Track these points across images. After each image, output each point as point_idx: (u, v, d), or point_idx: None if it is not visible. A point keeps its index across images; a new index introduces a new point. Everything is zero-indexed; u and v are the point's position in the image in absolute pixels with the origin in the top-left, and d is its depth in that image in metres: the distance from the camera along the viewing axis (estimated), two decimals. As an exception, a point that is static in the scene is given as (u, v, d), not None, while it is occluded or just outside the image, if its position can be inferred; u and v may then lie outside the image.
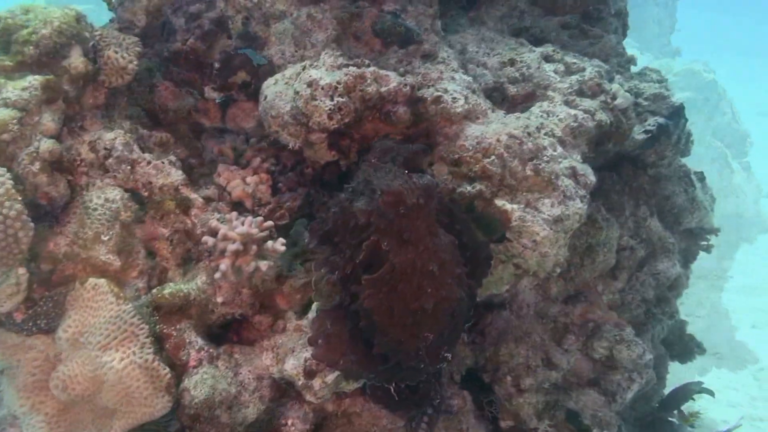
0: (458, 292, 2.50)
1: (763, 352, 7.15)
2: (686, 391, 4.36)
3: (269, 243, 2.82)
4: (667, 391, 4.52)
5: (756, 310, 8.28)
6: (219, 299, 2.88)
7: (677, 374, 5.91)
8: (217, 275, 2.80)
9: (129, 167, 2.83)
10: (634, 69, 4.50)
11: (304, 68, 2.95)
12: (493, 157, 2.98)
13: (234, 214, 2.88)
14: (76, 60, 2.77)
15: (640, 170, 3.91)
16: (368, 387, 2.97)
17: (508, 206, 2.96)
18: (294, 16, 3.13)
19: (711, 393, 4.49)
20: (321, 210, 2.67)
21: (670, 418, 4.62)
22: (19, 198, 2.55)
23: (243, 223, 2.81)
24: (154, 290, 2.80)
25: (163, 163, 2.90)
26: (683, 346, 4.68)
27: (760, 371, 6.69)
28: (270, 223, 2.86)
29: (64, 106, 2.78)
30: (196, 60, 3.12)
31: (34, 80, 2.68)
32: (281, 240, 2.87)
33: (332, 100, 2.81)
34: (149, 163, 2.86)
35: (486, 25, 3.91)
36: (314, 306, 2.88)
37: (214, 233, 2.84)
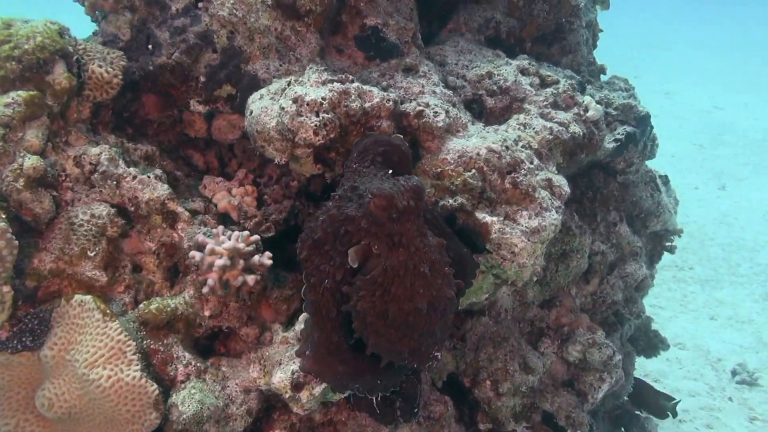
0: (448, 291, 2.46)
1: (714, 342, 7.32)
2: (656, 396, 4.43)
3: (256, 257, 2.77)
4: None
5: (718, 302, 8.47)
6: (206, 313, 2.81)
7: (642, 366, 6.02)
8: (205, 290, 2.74)
9: (115, 183, 2.73)
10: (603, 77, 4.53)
11: (289, 84, 2.89)
12: (473, 171, 2.96)
13: (221, 228, 2.81)
14: (60, 75, 2.66)
15: (610, 177, 3.94)
16: (352, 397, 2.94)
17: (488, 219, 2.95)
18: (278, 30, 3.06)
19: (674, 414, 4.57)
20: (309, 220, 2.60)
21: (636, 411, 4.70)
22: (3, 216, 2.45)
23: (230, 238, 2.74)
24: (141, 305, 2.73)
25: (149, 177, 2.81)
26: (648, 342, 4.76)
27: (717, 362, 6.82)
28: (256, 237, 2.80)
29: (48, 121, 2.68)
30: (181, 73, 3.02)
31: (17, 96, 2.58)
32: (268, 254, 2.81)
33: (318, 116, 2.75)
34: (135, 177, 2.77)
35: (464, 36, 3.89)
36: (302, 317, 2.84)
37: (201, 248, 2.77)
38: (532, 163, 3.13)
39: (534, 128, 3.29)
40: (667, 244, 4.46)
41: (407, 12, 3.47)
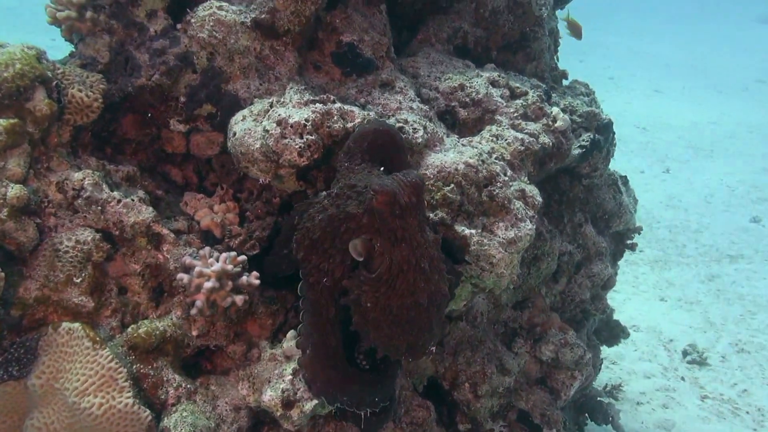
0: (443, 287, 2.43)
1: (665, 324, 7.53)
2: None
3: (244, 278, 2.72)
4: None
5: (667, 283, 8.70)
6: (194, 333, 2.76)
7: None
8: (193, 311, 2.69)
9: (100, 208, 2.64)
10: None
11: (271, 105, 2.83)
12: (452, 185, 2.96)
13: (207, 249, 2.76)
14: (41, 102, 2.55)
15: (576, 181, 3.99)
16: (338, 410, 2.92)
17: (467, 231, 2.95)
18: (258, 50, 2.99)
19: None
20: (307, 219, 2.50)
21: (599, 398, 4.81)
22: (-13, 247, 2.35)
23: (217, 260, 2.69)
24: (129, 329, 2.66)
25: (132, 200, 2.73)
26: (610, 332, 4.87)
27: (669, 342, 7.02)
28: (243, 257, 2.76)
29: (29, 148, 2.57)
30: (161, 94, 2.93)
31: (-4, 125, 2.46)
32: (255, 274, 2.77)
33: (302, 138, 2.71)
34: (120, 201, 2.69)
35: (434, 47, 3.86)
36: (289, 334, 2.82)
37: (188, 270, 2.71)
38: (506, 174, 3.14)
39: (506, 140, 3.30)
40: (628, 242, 4.55)
41: (381, 27, 3.42)
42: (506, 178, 3.11)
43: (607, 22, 29.23)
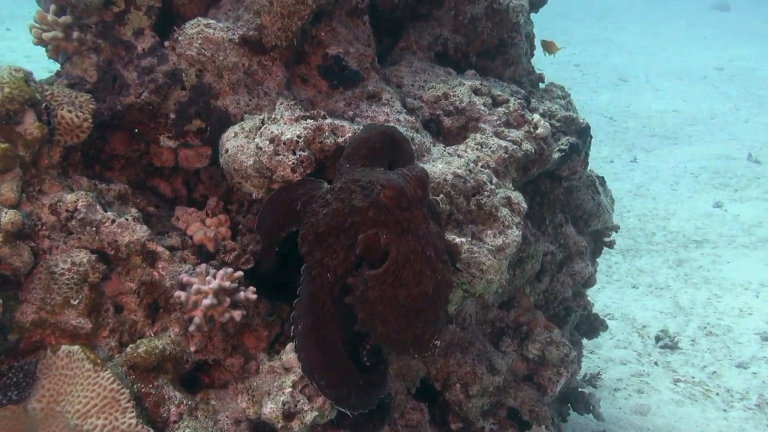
0: (449, 276, 2.43)
1: (638, 310, 7.69)
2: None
3: (242, 293, 2.71)
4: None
5: (638, 271, 8.86)
6: (192, 348, 2.75)
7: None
8: (192, 328, 2.67)
9: (94, 229, 2.60)
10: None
11: (263, 122, 2.81)
12: (442, 195, 2.98)
13: (204, 267, 2.73)
14: (31, 125, 2.50)
15: (556, 183, 4.04)
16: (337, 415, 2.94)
17: (458, 240, 2.98)
18: (246, 66, 2.96)
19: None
20: (311, 214, 2.47)
21: (580, 389, 4.90)
22: (-16, 275, 2.31)
23: (215, 277, 2.67)
24: (128, 349, 2.63)
25: (127, 220, 2.69)
26: (589, 325, 4.95)
27: (642, 329, 7.17)
28: (240, 273, 2.74)
29: (21, 172, 2.52)
30: (150, 111, 2.89)
31: (-13, 150, 2.40)
32: (252, 288, 2.76)
33: (294, 154, 2.70)
34: (113, 221, 2.65)
35: (416, 54, 3.87)
36: (288, 347, 2.81)
37: (185, 287, 2.69)
38: (492, 182, 3.18)
39: (490, 147, 3.33)
40: (606, 239, 4.63)
41: (365, 38, 3.42)
42: (493, 186, 3.14)
43: (570, 9, 29.44)
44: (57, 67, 3.10)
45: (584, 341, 6.46)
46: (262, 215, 2.81)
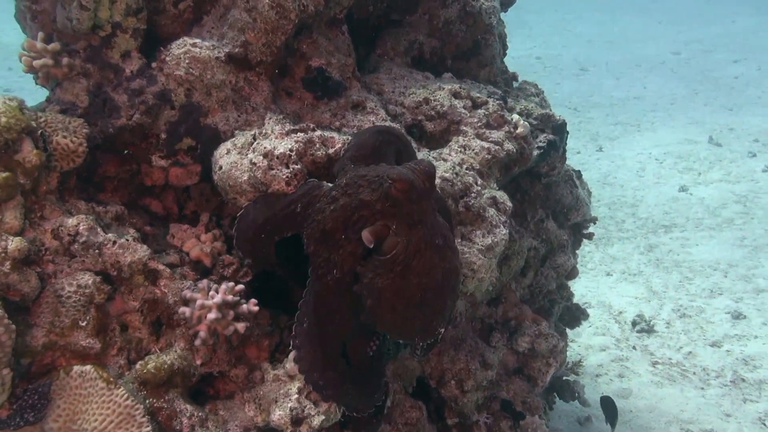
0: (457, 263, 2.52)
1: (613, 297, 7.98)
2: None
3: (244, 306, 2.83)
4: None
5: (611, 258, 9.16)
6: (198, 361, 2.86)
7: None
8: (198, 342, 2.78)
9: (97, 251, 2.69)
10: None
11: (254, 137, 2.92)
12: (431, 199, 3.12)
13: (206, 282, 2.85)
14: (30, 153, 2.58)
15: (536, 180, 4.23)
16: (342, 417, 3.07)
17: (448, 241, 3.13)
18: (233, 82, 3.07)
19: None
20: (317, 212, 2.54)
21: (565, 378, 5.11)
22: (-1, 302, 2.38)
23: (217, 291, 2.78)
24: (138, 366, 2.72)
25: (127, 240, 2.78)
26: (571, 315, 5.15)
27: (618, 315, 7.44)
28: (241, 287, 2.86)
29: (22, 199, 2.59)
30: (141, 132, 2.98)
31: (-11, 180, 2.47)
32: (253, 300, 2.88)
33: (288, 167, 2.82)
34: (115, 243, 2.74)
35: (394, 61, 4.02)
36: (291, 355, 2.93)
37: (188, 303, 2.79)
38: (477, 183, 3.34)
39: (473, 149, 3.49)
40: (585, 231, 4.84)
41: (345, 48, 3.55)
42: (479, 188, 3.30)
43: (527, 0, 29.88)
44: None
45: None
46: (240, 229, 2.88)
